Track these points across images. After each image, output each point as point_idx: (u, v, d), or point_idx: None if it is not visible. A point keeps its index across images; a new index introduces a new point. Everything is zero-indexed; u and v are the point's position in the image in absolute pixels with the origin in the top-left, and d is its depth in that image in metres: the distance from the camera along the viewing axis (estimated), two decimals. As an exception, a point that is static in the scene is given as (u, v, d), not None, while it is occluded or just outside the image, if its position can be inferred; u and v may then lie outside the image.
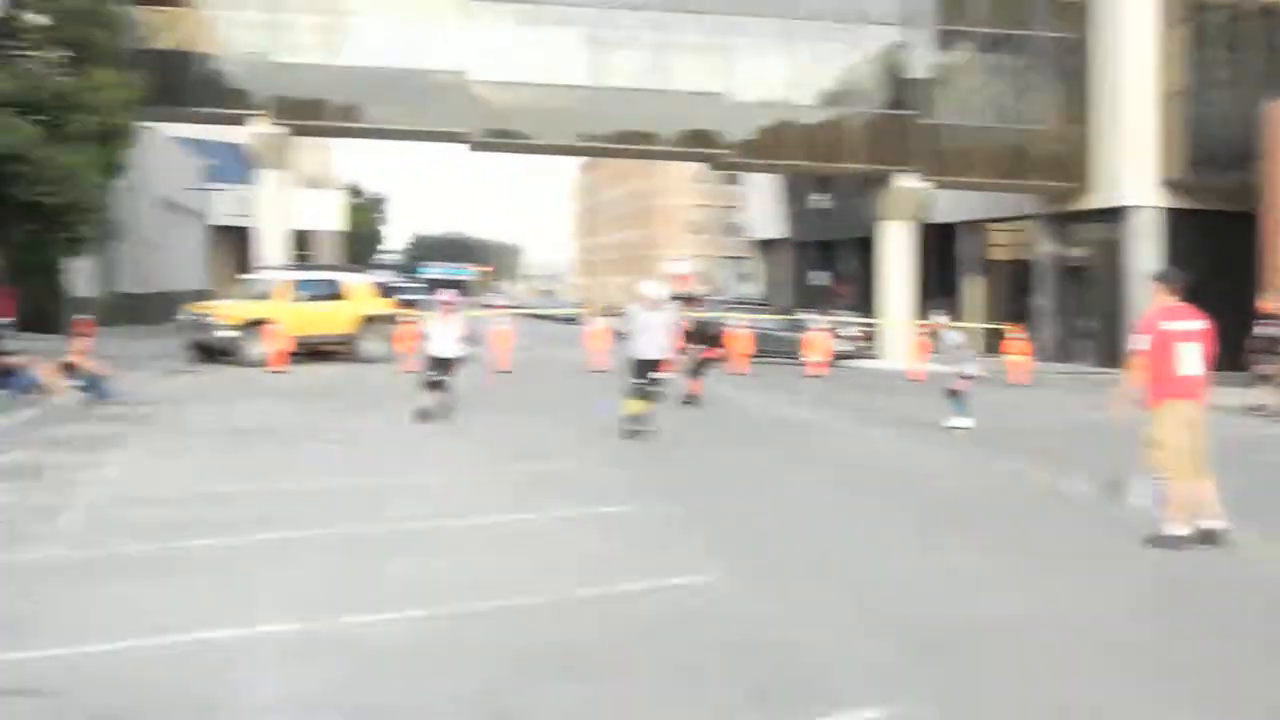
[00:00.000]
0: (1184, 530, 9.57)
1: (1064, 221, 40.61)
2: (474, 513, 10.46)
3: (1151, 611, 7.77)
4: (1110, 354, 37.55)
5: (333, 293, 29.27)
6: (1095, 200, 38.05)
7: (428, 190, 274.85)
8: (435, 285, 44.20)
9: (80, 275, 34.16)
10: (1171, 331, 9.66)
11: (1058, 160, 38.54)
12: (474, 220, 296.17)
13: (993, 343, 37.30)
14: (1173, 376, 9.64)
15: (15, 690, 5.70)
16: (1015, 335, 31.65)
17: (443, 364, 17.19)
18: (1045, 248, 41.51)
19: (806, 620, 7.28)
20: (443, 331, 17.30)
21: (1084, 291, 39.37)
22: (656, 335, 16.41)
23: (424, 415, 16.73)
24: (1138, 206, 36.48)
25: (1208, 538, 9.56)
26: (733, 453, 15.20)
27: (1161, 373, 9.67)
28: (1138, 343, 9.83)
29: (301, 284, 29.03)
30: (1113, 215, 37.32)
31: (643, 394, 16.04)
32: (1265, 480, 13.33)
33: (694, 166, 78.61)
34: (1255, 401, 20.78)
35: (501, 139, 37.76)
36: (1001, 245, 45.78)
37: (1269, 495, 12.28)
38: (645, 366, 16.21)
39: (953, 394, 18.09)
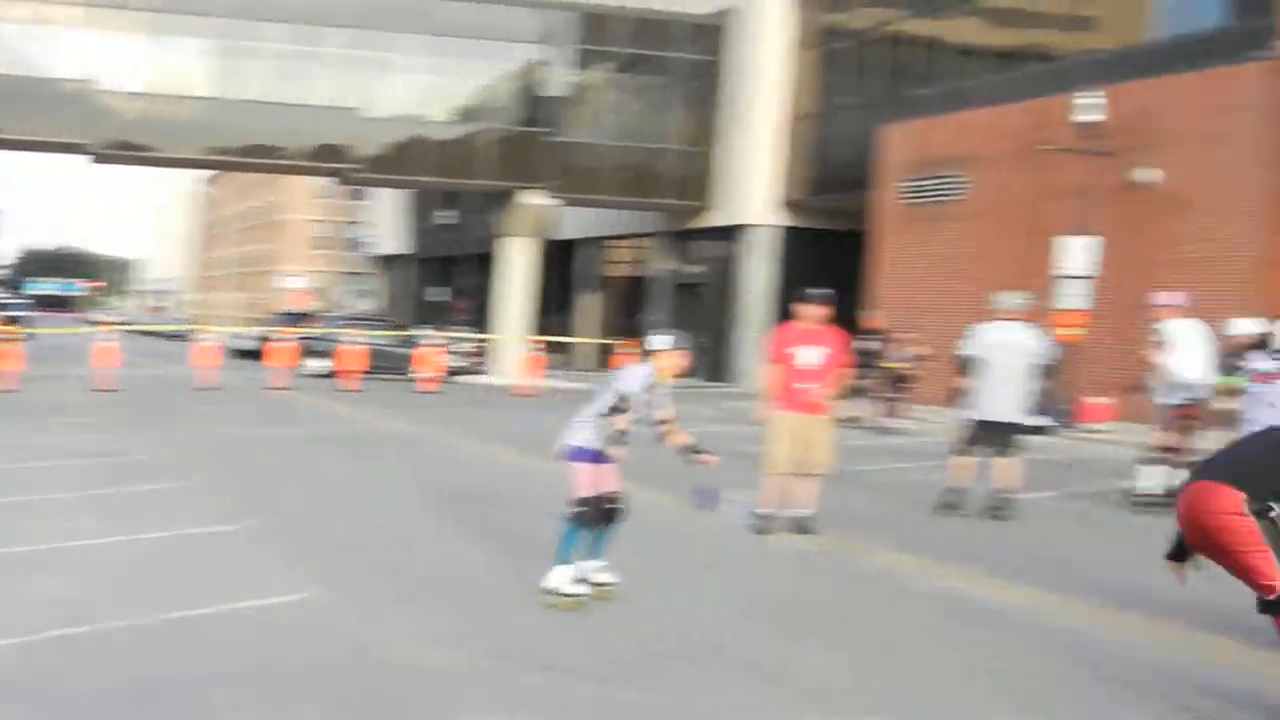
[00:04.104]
0: (772, 510, 10.50)
1: (683, 239, 41.39)
2: (62, 537, 9.57)
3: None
4: (721, 368, 38.16)
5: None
6: (716, 219, 38.94)
7: (41, 202, 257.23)
8: (42, 302, 41.78)
9: None
10: (792, 348, 10.44)
11: (683, 179, 39.40)
12: (88, 234, 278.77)
13: (604, 357, 37.66)
14: (787, 390, 10.42)
15: None
16: (627, 350, 32.46)
17: None
18: (662, 265, 42.34)
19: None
20: None
21: (698, 308, 39.79)
22: (1017, 379, 11.26)
23: None
24: (755, 225, 37.43)
25: (797, 526, 10.46)
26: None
27: (779, 386, 10.45)
28: (767, 358, 10.65)
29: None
30: (730, 233, 38.31)
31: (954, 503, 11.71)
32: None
33: (318, 181, 76.98)
34: (850, 414, 21.46)
35: (126, 151, 35.83)
36: (620, 262, 46.52)
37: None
38: (997, 431, 11.49)
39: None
